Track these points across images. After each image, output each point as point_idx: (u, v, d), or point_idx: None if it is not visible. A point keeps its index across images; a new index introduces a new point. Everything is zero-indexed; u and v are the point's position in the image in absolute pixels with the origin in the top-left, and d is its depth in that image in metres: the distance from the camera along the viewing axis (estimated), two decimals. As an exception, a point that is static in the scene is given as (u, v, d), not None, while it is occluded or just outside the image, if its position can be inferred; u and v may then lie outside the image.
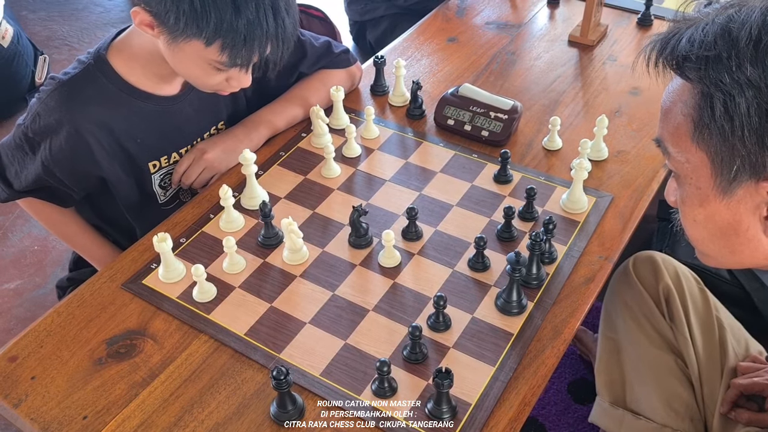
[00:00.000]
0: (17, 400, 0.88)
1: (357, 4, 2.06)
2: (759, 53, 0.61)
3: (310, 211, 1.13)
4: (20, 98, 2.42)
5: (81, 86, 1.09)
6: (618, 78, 1.43)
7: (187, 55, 1.01)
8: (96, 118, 1.09)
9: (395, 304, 0.98)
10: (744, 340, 1.12)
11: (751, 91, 0.61)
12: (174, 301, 0.99)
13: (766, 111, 0.61)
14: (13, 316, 1.75)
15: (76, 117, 1.08)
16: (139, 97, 1.12)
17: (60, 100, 1.08)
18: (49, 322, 0.97)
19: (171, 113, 1.17)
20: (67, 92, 1.08)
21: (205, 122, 1.24)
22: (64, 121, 1.08)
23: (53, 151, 1.10)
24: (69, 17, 3.00)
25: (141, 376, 0.90)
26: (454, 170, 1.21)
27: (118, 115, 1.11)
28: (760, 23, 0.62)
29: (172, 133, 1.19)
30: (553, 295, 0.99)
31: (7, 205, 2.07)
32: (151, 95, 1.13)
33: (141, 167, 1.18)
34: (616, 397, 1.14)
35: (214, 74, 1.05)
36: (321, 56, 1.33)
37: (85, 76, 1.09)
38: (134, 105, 1.12)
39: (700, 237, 0.76)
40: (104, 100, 1.10)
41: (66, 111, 1.08)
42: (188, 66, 1.04)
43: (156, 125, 1.15)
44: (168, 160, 1.21)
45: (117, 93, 1.10)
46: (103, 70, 1.10)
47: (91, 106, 1.09)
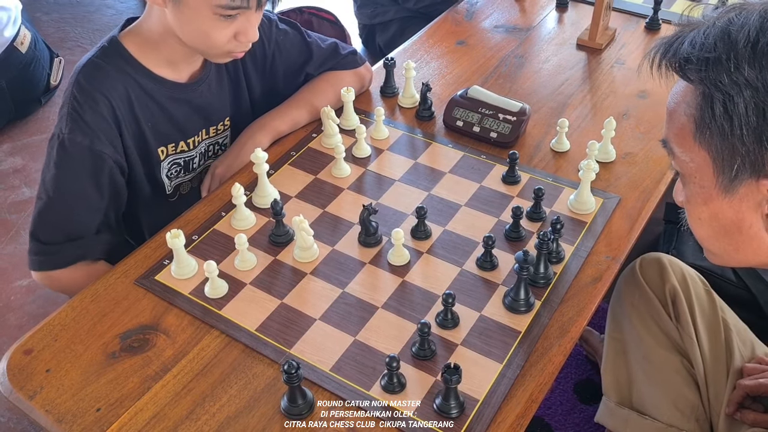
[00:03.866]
0: (32, 392, 0.90)
1: (367, 8, 2.08)
2: (756, 55, 0.63)
3: (320, 209, 1.15)
4: (35, 100, 2.45)
5: (101, 64, 1.10)
6: (626, 81, 1.44)
7: (193, 8, 1.02)
8: (121, 93, 1.11)
9: (404, 302, 1.00)
10: (750, 342, 1.13)
11: (749, 91, 0.63)
12: (186, 297, 1.01)
13: (763, 110, 0.63)
14: (26, 313, 1.77)
15: (107, 89, 1.09)
16: (152, 80, 1.14)
17: (87, 78, 1.09)
18: (63, 317, 0.99)
19: (180, 101, 1.19)
20: (91, 71, 1.10)
21: (211, 116, 1.26)
22: (97, 96, 1.08)
23: (101, 131, 1.08)
24: (82, 19, 3.03)
25: (154, 369, 0.92)
26: (462, 171, 1.22)
27: (135, 94, 1.13)
28: (758, 26, 0.64)
29: (180, 121, 1.20)
30: (560, 294, 1.00)
31: (19, 203, 2.11)
32: (163, 79, 1.15)
33: (152, 152, 1.19)
34: (622, 397, 1.15)
35: (222, 27, 1.04)
36: (328, 57, 1.34)
37: (103, 56, 1.11)
38: (148, 86, 1.14)
39: (705, 235, 0.77)
40: (123, 78, 1.11)
41: (97, 84, 1.09)
42: (196, 24, 1.04)
43: (166, 110, 1.17)
44: (175, 148, 1.22)
45: (133, 72, 1.12)
46: (118, 51, 1.12)
47: (115, 81, 1.10)
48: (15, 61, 2.28)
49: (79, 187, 1.10)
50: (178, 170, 1.26)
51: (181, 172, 1.27)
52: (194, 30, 1.06)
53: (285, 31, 1.31)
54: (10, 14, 2.25)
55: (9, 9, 2.25)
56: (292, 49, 1.31)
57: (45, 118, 2.46)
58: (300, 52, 1.32)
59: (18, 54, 2.28)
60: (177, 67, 1.17)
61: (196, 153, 1.27)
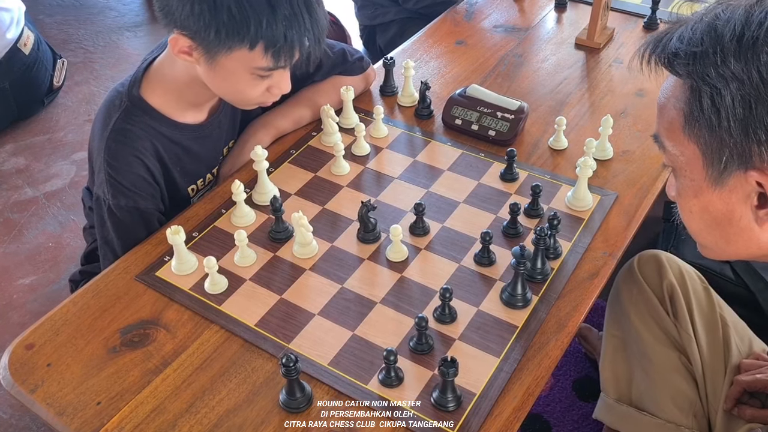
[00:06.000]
0: (33, 386, 0.90)
1: (367, 9, 2.09)
2: (742, 48, 0.64)
3: (319, 206, 1.15)
4: (38, 101, 2.47)
5: (128, 128, 1.10)
6: (624, 80, 1.45)
7: (229, 70, 1.03)
8: (149, 148, 1.11)
9: (402, 297, 1.00)
10: (748, 339, 1.13)
11: (735, 84, 0.64)
12: (186, 293, 1.02)
13: (749, 102, 0.64)
14: (28, 311, 1.78)
15: (137, 150, 1.10)
16: (176, 128, 1.15)
17: (117, 146, 1.09)
18: (65, 312, 1.00)
19: (202, 139, 1.20)
20: (116, 137, 1.09)
21: (228, 138, 1.27)
22: (130, 159, 1.09)
23: (140, 191, 1.11)
24: (84, 21, 3.05)
25: (154, 363, 0.93)
26: (461, 168, 1.23)
27: (161, 144, 1.13)
28: (743, 20, 0.65)
29: (204, 156, 1.22)
30: (557, 289, 1.01)
31: (21, 202, 2.12)
32: (186, 125, 1.16)
33: (183, 193, 1.21)
34: (621, 394, 1.15)
35: (256, 84, 1.07)
36: (336, 65, 1.34)
37: (126, 118, 1.10)
38: (173, 135, 1.14)
39: (697, 228, 0.78)
40: (150, 135, 1.11)
41: (129, 150, 1.09)
42: (231, 82, 1.06)
43: (191, 152, 1.18)
44: (204, 182, 1.25)
45: (158, 126, 1.12)
46: (141, 108, 1.11)
47: (143, 141, 1.10)
48: (18, 62, 2.29)
49: (139, 238, 1.12)
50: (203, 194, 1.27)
51: None
52: (228, 87, 1.07)
53: None
54: (12, 15, 2.27)
55: (11, 10, 2.27)
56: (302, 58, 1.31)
57: (48, 118, 2.47)
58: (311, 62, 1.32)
59: (21, 55, 2.29)
60: (200, 109, 1.18)
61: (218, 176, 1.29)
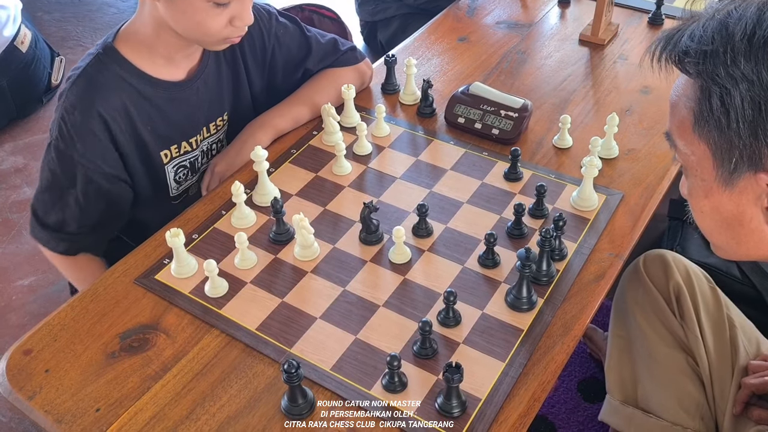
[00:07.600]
0: (31, 393, 0.89)
1: (368, 5, 2.07)
2: (752, 48, 0.63)
3: (321, 207, 1.14)
4: (37, 100, 2.45)
5: (95, 75, 1.10)
6: (629, 77, 1.43)
7: (186, 1, 1.02)
8: (116, 104, 1.11)
9: (405, 300, 0.99)
10: (755, 339, 1.12)
11: (745, 84, 0.63)
12: (186, 296, 1.00)
13: (759, 104, 0.63)
14: (27, 312, 1.77)
15: (99, 105, 1.09)
16: (149, 83, 1.13)
17: (79, 93, 1.09)
18: (63, 316, 0.98)
19: (179, 101, 1.18)
20: (84, 84, 1.09)
21: (210, 112, 1.25)
22: (89, 112, 1.08)
23: (88, 148, 1.10)
24: (83, 18, 3.03)
25: (153, 369, 0.91)
26: (464, 168, 1.21)
27: (132, 100, 1.12)
28: (755, 19, 0.63)
29: (180, 121, 1.20)
30: (563, 291, 0.99)
31: (20, 202, 2.11)
32: (160, 81, 1.15)
33: (154, 157, 1.19)
34: (627, 396, 1.14)
35: (216, 14, 1.05)
36: (327, 53, 1.34)
37: (97, 65, 1.11)
38: (145, 90, 1.13)
39: (708, 228, 0.77)
40: (119, 86, 1.11)
41: (88, 101, 1.09)
42: (189, 14, 1.04)
43: (165, 113, 1.17)
44: (178, 149, 1.22)
45: (129, 78, 1.12)
46: (113, 57, 1.11)
47: (110, 92, 1.10)
48: (15, 60, 2.28)
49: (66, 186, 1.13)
50: (185, 173, 1.26)
51: (189, 175, 1.27)
52: (189, 20, 1.06)
53: (285, 24, 1.30)
54: (9, 13, 2.25)
55: (8, 8, 2.25)
56: (292, 43, 1.31)
57: (46, 117, 2.46)
58: (299, 47, 1.32)
59: (18, 53, 2.28)
60: (175, 63, 1.16)
61: (198, 152, 1.26)
